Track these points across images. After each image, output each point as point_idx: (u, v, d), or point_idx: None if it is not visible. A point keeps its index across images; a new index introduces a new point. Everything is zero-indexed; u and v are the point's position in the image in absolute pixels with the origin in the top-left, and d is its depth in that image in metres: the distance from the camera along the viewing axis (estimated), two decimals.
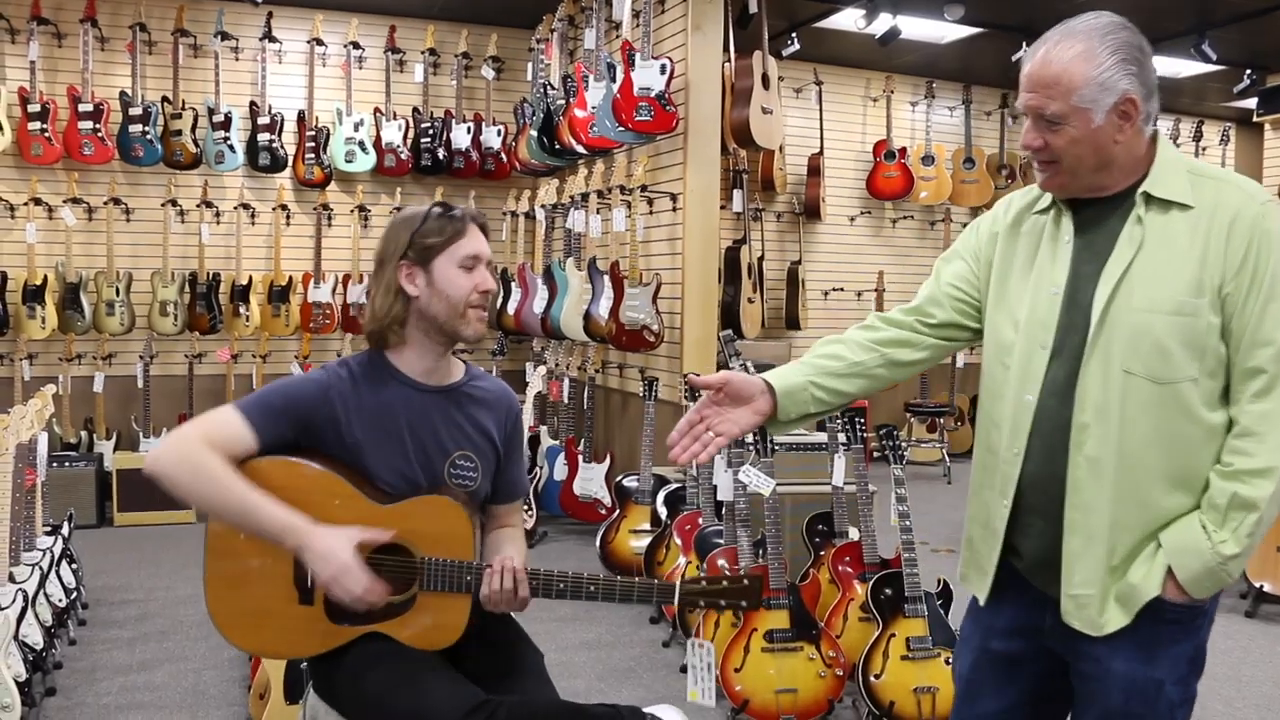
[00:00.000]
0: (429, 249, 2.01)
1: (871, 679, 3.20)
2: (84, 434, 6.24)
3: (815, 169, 7.93)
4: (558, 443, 5.91)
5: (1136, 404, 1.63)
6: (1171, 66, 7.61)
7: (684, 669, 3.79)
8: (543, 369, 6.25)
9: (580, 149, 5.73)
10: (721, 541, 3.77)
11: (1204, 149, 9.06)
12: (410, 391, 2.06)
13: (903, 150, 8.13)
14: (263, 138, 6.55)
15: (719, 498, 3.82)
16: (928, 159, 8.19)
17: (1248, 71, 7.58)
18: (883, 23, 6.53)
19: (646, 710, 2.00)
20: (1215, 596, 1.70)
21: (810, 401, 1.86)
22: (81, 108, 6.14)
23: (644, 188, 5.47)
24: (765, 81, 5.84)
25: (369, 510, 1.96)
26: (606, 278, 5.45)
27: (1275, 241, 1.61)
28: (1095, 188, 1.70)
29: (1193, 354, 1.61)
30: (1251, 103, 8.00)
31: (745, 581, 2.03)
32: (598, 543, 4.83)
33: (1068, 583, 1.70)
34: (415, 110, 6.94)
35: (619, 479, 4.98)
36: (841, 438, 3.72)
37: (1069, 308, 1.70)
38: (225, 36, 6.53)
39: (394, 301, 2.02)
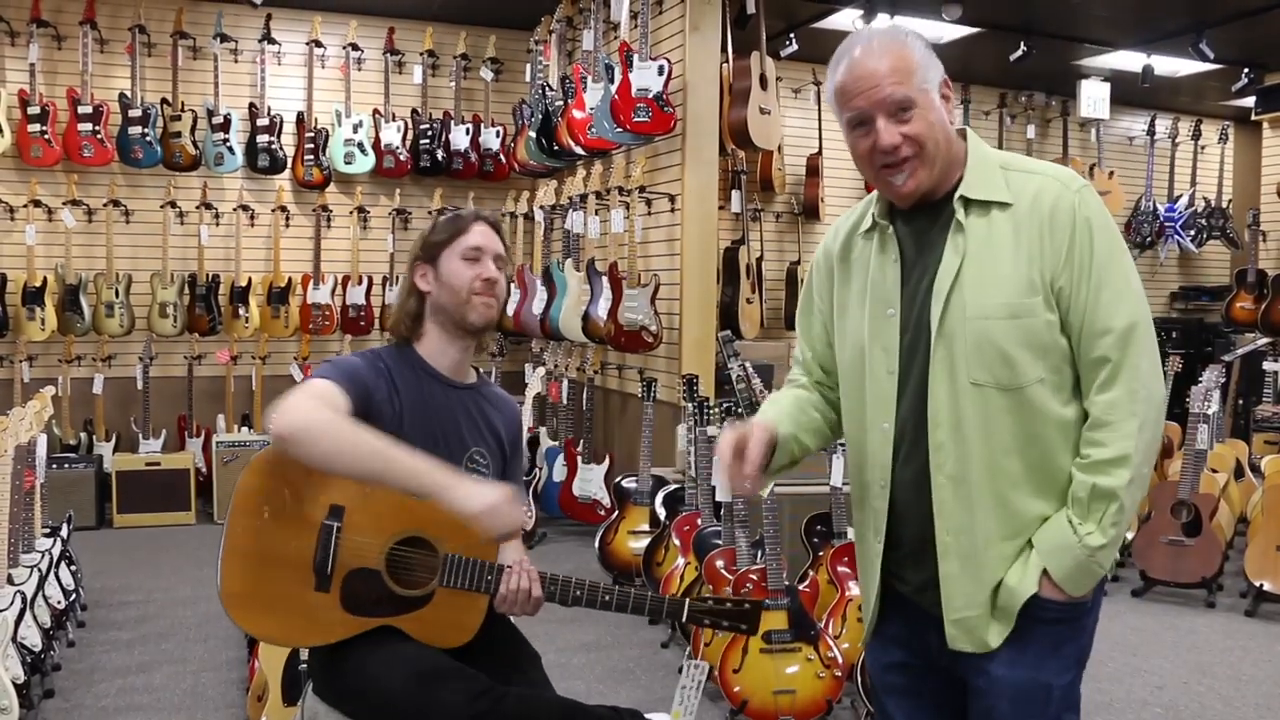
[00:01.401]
0: (435, 246, 2.16)
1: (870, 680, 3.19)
2: (83, 435, 6.25)
3: (814, 169, 7.91)
4: (557, 444, 5.91)
5: (989, 414, 1.60)
6: (1169, 65, 7.61)
7: (682, 670, 3.79)
8: (542, 370, 6.26)
9: (579, 150, 5.73)
10: (720, 542, 3.77)
11: (1203, 147, 9.06)
12: (436, 385, 2.15)
13: None
14: (262, 139, 6.56)
15: (717, 498, 3.82)
16: None
17: (1245, 70, 7.58)
18: (880, 23, 6.54)
19: (648, 716, 2.02)
20: (1097, 598, 1.68)
21: (786, 454, 1.83)
22: (81, 110, 6.15)
23: (642, 189, 5.48)
24: (763, 82, 5.84)
25: (399, 501, 1.96)
26: (605, 279, 5.45)
27: (1096, 226, 1.58)
28: (939, 182, 1.64)
29: (1035, 354, 1.58)
30: (1250, 101, 8.01)
31: (747, 605, 2.09)
32: (597, 544, 4.83)
33: (949, 608, 1.65)
34: (414, 112, 6.94)
35: (618, 480, 4.99)
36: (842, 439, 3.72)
37: (908, 328, 1.66)
38: (224, 38, 6.54)
39: (409, 299, 2.18)
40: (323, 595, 1.95)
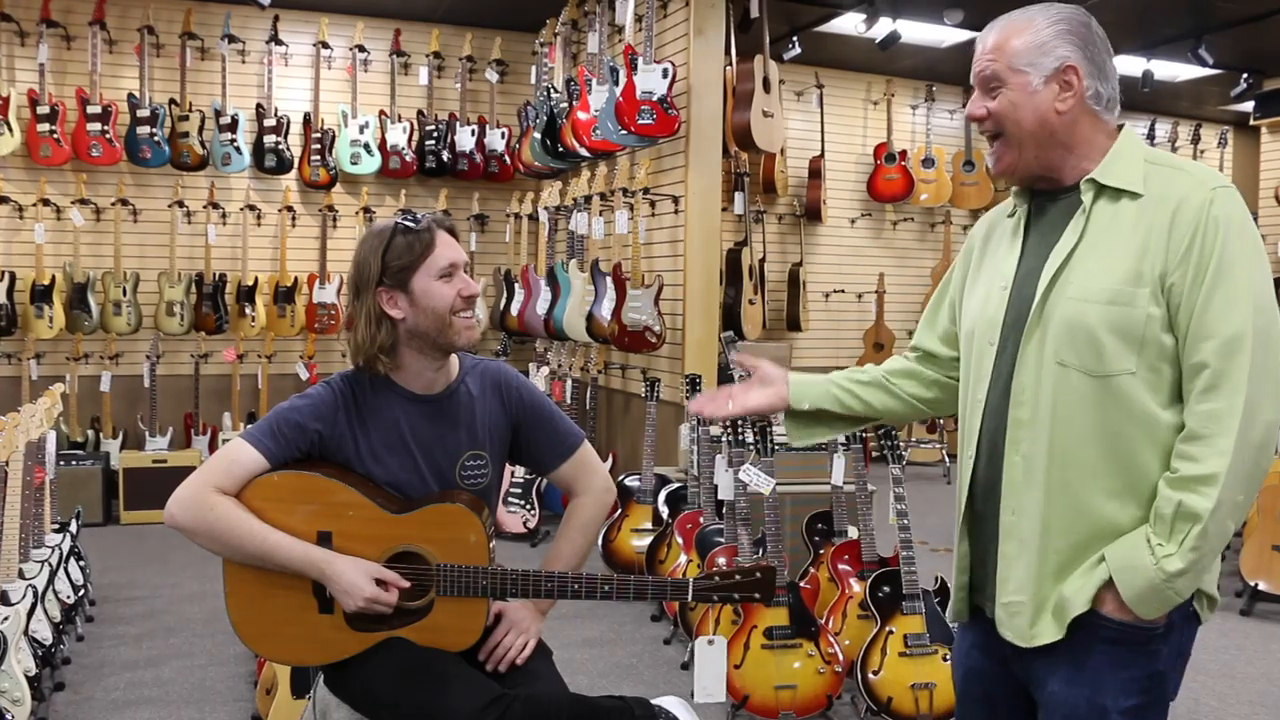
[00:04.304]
0: (403, 270, 1.99)
1: (870, 675, 3.24)
2: (90, 433, 6.29)
3: (816, 171, 7.97)
4: None
5: (1072, 398, 1.54)
6: (1169, 70, 7.66)
7: (685, 666, 3.84)
8: (545, 370, 6.30)
9: (583, 152, 5.78)
10: (722, 540, 3.81)
11: (1202, 152, 9.11)
12: (411, 405, 2.07)
13: (903, 153, 8.18)
14: (269, 140, 6.61)
15: (720, 497, 3.86)
16: (928, 161, 8.24)
17: (1244, 75, 7.63)
18: (883, 27, 6.58)
19: (654, 702, 2.06)
20: (1182, 623, 1.57)
21: (824, 396, 1.88)
22: (90, 110, 6.19)
23: (646, 190, 5.52)
24: (766, 85, 5.89)
25: (383, 519, 2.00)
26: (609, 279, 5.50)
27: (1223, 228, 1.49)
28: (1047, 168, 1.63)
29: (1129, 345, 1.51)
30: (1248, 106, 8.06)
31: (758, 575, 2.06)
32: (600, 542, 4.87)
33: (1001, 590, 1.61)
34: (420, 113, 6.99)
35: (621, 479, 5.02)
36: (841, 438, 3.77)
37: (1015, 303, 1.64)
38: (232, 39, 6.59)
39: (379, 329, 2.01)
40: (327, 617, 2.01)
